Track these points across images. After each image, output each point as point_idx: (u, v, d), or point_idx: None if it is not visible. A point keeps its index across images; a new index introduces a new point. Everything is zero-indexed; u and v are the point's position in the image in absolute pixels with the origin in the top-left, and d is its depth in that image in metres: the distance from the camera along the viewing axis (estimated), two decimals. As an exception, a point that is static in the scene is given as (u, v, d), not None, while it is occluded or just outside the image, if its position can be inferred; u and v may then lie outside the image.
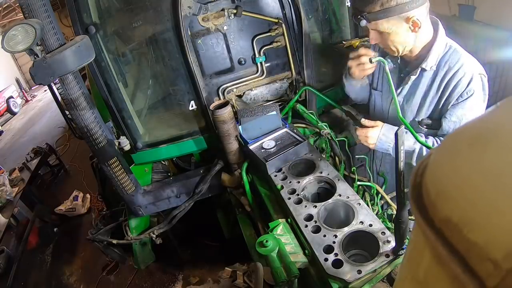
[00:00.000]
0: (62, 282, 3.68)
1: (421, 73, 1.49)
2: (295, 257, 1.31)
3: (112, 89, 2.14)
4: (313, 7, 2.29)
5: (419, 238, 0.36)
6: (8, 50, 1.40)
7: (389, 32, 1.37)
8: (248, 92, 2.24)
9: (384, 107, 1.73)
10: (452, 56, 1.43)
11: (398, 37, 1.38)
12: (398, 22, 1.33)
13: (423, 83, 1.50)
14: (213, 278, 2.91)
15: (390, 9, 1.29)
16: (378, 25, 1.36)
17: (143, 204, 2.36)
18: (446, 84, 1.43)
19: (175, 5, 1.91)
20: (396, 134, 0.94)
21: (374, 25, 1.37)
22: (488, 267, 0.27)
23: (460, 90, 1.39)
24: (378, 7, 1.31)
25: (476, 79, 1.39)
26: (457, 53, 1.43)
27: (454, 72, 1.41)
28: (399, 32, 1.36)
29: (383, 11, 1.30)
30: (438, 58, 1.44)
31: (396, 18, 1.32)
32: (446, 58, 1.44)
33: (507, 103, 0.35)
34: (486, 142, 0.32)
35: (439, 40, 1.43)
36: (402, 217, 1.07)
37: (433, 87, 1.48)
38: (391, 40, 1.40)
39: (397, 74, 1.60)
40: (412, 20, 1.32)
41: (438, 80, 1.45)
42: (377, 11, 1.31)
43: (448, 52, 1.45)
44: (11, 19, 12.74)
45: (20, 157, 6.25)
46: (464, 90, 1.39)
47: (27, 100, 13.87)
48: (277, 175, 1.71)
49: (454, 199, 0.32)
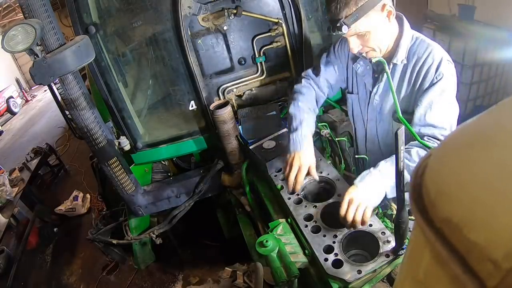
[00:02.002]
0: (62, 282, 3.68)
1: (393, 68, 1.50)
2: (295, 257, 1.31)
3: (112, 89, 2.14)
4: (313, 7, 2.29)
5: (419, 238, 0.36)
6: (8, 50, 1.40)
7: (369, 31, 1.37)
8: (248, 92, 2.24)
9: (362, 109, 1.72)
10: (420, 46, 1.44)
11: (379, 33, 1.39)
12: (376, 15, 1.34)
13: (396, 77, 1.51)
14: (213, 278, 2.91)
15: (365, 5, 1.30)
16: (358, 26, 1.34)
17: (143, 204, 2.36)
18: (417, 73, 1.44)
19: (175, 5, 1.91)
20: (396, 134, 0.94)
21: (354, 29, 1.35)
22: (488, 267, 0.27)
23: (431, 76, 1.40)
24: (353, 7, 1.30)
25: (444, 63, 1.39)
26: (424, 43, 1.44)
27: (423, 60, 1.42)
28: (378, 26, 1.37)
29: (360, 9, 1.30)
30: (407, 50, 1.46)
31: (373, 11, 1.32)
32: (414, 49, 1.45)
33: (507, 103, 0.35)
34: (486, 142, 0.32)
35: (405, 33, 1.45)
36: (402, 217, 1.07)
37: (405, 79, 1.49)
38: (372, 39, 1.40)
39: (371, 75, 1.61)
40: (386, 9, 1.34)
41: (409, 72, 1.46)
42: (354, 12, 1.30)
43: (416, 43, 1.46)
44: (11, 19, 12.74)
45: (20, 157, 6.25)
46: (434, 75, 1.39)
47: (27, 100, 13.86)
48: (277, 175, 1.71)
49: (454, 199, 0.32)
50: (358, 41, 1.41)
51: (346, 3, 1.30)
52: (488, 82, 3.90)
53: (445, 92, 1.38)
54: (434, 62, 1.39)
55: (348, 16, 1.31)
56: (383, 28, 1.39)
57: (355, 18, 1.31)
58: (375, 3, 1.30)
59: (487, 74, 3.84)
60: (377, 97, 1.60)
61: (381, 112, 1.62)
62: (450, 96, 1.40)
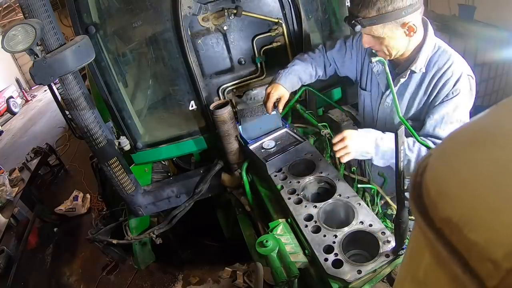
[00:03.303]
0: (62, 282, 3.68)
1: (410, 75, 1.47)
2: (295, 257, 1.31)
3: (112, 89, 2.14)
4: (313, 7, 2.29)
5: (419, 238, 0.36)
6: (8, 50, 1.40)
7: (383, 37, 1.35)
8: (248, 92, 2.24)
9: (373, 107, 1.71)
10: (441, 57, 1.41)
11: (392, 41, 1.36)
12: (394, 28, 1.31)
13: (412, 84, 1.48)
14: (213, 278, 2.91)
15: (387, 15, 1.26)
16: (373, 30, 1.33)
17: (143, 204, 2.36)
18: (435, 84, 1.41)
19: (175, 5, 1.91)
20: (396, 134, 0.94)
21: (368, 30, 1.35)
22: (488, 267, 0.27)
23: (447, 90, 1.38)
24: (374, 12, 1.27)
25: (464, 79, 1.36)
26: (446, 54, 1.41)
27: (442, 72, 1.39)
28: (394, 37, 1.34)
29: (379, 16, 1.27)
30: (427, 59, 1.43)
31: (392, 23, 1.29)
32: (435, 59, 1.42)
33: (507, 103, 0.35)
34: (486, 141, 0.32)
35: (428, 41, 1.41)
36: (402, 217, 1.07)
37: (422, 89, 1.46)
38: (385, 45, 1.38)
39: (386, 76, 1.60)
40: (408, 26, 1.30)
41: (427, 82, 1.43)
42: (373, 17, 1.28)
43: (437, 52, 1.42)
44: (11, 19, 12.74)
45: (20, 157, 6.24)
46: (451, 90, 1.37)
47: (27, 100, 13.86)
48: (277, 175, 1.71)
49: (454, 199, 0.31)
50: (371, 40, 1.40)
51: (369, 5, 1.28)
52: (488, 82, 3.90)
53: (459, 108, 1.37)
54: (453, 76, 1.36)
55: (366, 18, 1.30)
56: (400, 40, 1.36)
57: (372, 23, 1.30)
58: (397, 17, 1.27)
59: (487, 74, 3.84)
60: (388, 100, 1.59)
61: (391, 114, 1.61)
62: (463, 112, 1.38)
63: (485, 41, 3.56)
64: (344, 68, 1.81)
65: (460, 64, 1.39)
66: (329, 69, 1.87)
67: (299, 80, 1.80)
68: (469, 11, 3.91)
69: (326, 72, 1.89)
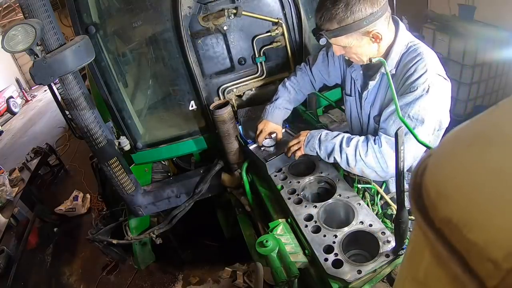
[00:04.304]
0: (62, 282, 3.68)
1: (381, 77, 1.47)
2: (295, 257, 1.31)
3: (112, 89, 2.14)
4: (313, 7, 2.28)
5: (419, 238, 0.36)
6: (8, 50, 1.40)
7: (350, 46, 1.36)
8: (248, 92, 2.24)
9: (358, 111, 1.72)
10: (410, 55, 1.38)
11: (360, 49, 1.37)
12: (359, 37, 1.32)
13: (384, 86, 1.47)
14: (213, 278, 2.91)
15: (347, 27, 1.27)
16: (338, 41, 1.35)
17: (143, 204, 2.36)
18: (401, 82, 1.39)
19: (175, 5, 1.91)
20: (396, 134, 0.94)
21: (334, 41, 1.36)
22: (488, 267, 0.27)
23: (407, 85, 1.34)
24: (336, 24, 1.29)
25: (428, 77, 1.30)
26: (415, 52, 1.37)
27: (406, 70, 1.36)
28: (360, 45, 1.35)
29: (341, 28, 1.28)
30: (397, 59, 1.41)
31: (356, 33, 1.30)
32: (404, 57, 1.40)
33: (507, 103, 0.35)
34: (486, 142, 0.32)
35: (398, 42, 1.39)
36: (402, 217, 1.07)
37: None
38: (354, 52, 1.39)
39: (363, 79, 1.59)
40: (373, 34, 1.30)
41: (398, 81, 1.41)
42: (335, 29, 1.29)
43: (408, 51, 1.40)
44: (11, 19, 12.74)
45: (20, 157, 6.24)
46: (410, 86, 1.32)
47: (27, 100, 13.86)
48: (277, 175, 1.71)
49: (454, 199, 0.32)
50: (341, 49, 1.41)
51: (330, 18, 1.29)
52: (488, 82, 3.91)
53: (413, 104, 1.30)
54: (415, 73, 1.32)
55: (329, 30, 1.31)
56: (368, 47, 1.36)
57: (335, 35, 1.31)
58: (358, 27, 1.28)
59: (487, 74, 3.84)
60: (366, 103, 1.59)
61: (368, 117, 1.61)
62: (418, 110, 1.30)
63: (485, 41, 3.56)
64: (331, 77, 1.83)
65: (426, 62, 1.33)
66: (317, 84, 1.91)
67: (287, 110, 1.90)
68: (469, 11, 3.91)
69: (315, 87, 1.94)
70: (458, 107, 3.98)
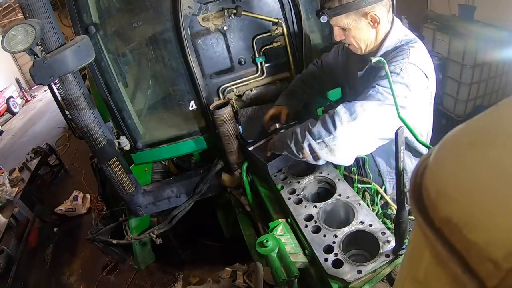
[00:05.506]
0: (62, 282, 3.68)
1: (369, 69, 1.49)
2: (295, 257, 1.31)
3: (112, 89, 2.14)
4: (313, 7, 2.29)
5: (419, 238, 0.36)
6: (8, 50, 1.40)
7: (350, 28, 1.40)
8: (248, 92, 2.24)
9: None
10: (398, 52, 1.39)
11: (359, 33, 1.42)
12: (357, 18, 1.37)
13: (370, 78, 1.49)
14: (213, 278, 2.91)
15: (347, 5, 1.34)
16: (338, 21, 1.40)
17: (143, 204, 2.36)
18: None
19: (175, 5, 1.91)
20: (396, 134, 0.94)
21: (335, 21, 1.41)
22: (488, 267, 0.27)
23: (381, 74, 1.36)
24: (337, 2, 1.36)
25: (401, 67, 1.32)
26: (404, 51, 1.38)
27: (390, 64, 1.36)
28: (359, 27, 1.40)
29: (341, 6, 1.35)
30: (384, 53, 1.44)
31: (355, 13, 1.36)
32: (393, 51, 1.42)
33: (507, 103, 0.35)
34: (486, 142, 0.32)
35: (391, 36, 1.44)
36: (402, 217, 1.07)
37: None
38: (352, 36, 1.43)
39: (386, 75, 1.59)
40: (371, 15, 1.35)
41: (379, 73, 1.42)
42: (336, 7, 1.36)
43: (399, 48, 1.41)
44: (11, 19, 12.74)
45: (20, 157, 6.24)
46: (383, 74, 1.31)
47: (27, 100, 13.85)
48: (277, 175, 1.71)
49: (454, 199, 0.32)
50: (341, 32, 1.45)
51: None
52: (488, 82, 3.90)
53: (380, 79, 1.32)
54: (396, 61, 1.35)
55: (331, 8, 1.37)
56: (366, 31, 1.41)
57: (335, 13, 1.37)
58: (358, 7, 1.34)
59: (487, 74, 3.84)
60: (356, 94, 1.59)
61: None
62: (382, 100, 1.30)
63: (485, 41, 3.56)
64: (338, 69, 1.87)
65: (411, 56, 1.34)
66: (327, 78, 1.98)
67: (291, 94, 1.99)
68: (469, 11, 3.90)
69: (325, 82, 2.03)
70: (458, 107, 3.98)
